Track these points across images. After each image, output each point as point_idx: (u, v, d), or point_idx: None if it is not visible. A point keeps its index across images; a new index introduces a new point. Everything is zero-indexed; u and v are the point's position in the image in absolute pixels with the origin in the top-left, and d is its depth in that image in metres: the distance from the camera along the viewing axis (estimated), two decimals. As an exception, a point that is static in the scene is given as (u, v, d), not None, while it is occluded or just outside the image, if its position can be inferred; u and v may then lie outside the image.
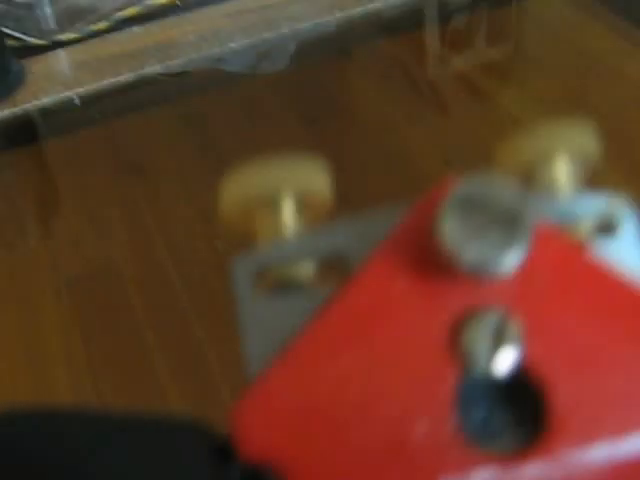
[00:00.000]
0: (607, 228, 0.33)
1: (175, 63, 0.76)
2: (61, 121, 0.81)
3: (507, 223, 0.29)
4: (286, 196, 0.32)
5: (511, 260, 0.29)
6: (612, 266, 0.30)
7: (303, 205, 0.33)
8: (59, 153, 0.81)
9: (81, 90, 0.75)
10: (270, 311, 0.31)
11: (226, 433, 0.29)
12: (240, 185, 0.32)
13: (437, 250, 0.29)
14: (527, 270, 0.30)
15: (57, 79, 0.71)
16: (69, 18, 0.77)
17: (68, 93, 0.75)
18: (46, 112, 0.75)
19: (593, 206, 0.33)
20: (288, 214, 0.32)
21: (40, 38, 0.75)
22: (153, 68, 0.75)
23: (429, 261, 0.30)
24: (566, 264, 0.31)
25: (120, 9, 0.77)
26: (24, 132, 0.77)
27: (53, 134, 0.83)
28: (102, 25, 0.74)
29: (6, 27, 0.75)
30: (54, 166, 0.83)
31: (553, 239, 0.31)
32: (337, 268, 0.31)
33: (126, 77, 0.74)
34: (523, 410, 0.30)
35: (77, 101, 0.76)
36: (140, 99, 0.84)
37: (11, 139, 0.76)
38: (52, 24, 0.76)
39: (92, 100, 0.81)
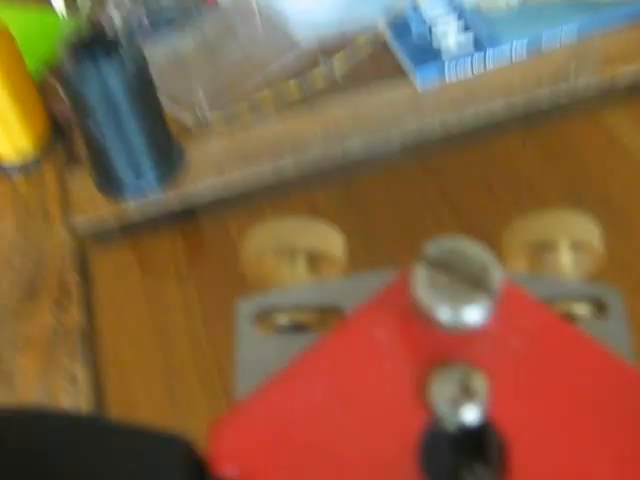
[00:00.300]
0: (598, 311, 0.34)
1: (305, 158, 0.80)
2: (213, 202, 0.86)
3: (474, 281, 0.31)
4: (298, 251, 0.35)
5: (476, 314, 0.31)
6: (591, 339, 0.32)
7: (316, 262, 0.36)
8: (212, 230, 0.86)
9: (231, 180, 0.80)
10: (265, 349, 0.34)
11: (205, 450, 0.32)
12: (259, 238, 0.36)
13: (414, 306, 0.32)
14: (500, 328, 0.32)
15: (210, 166, 0.77)
16: (214, 96, 0.83)
17: (220, 183, 0.80)
18: (200, 195, 0.81)
19: (586, 290, 0.34)
20: (298, 267, 0.36)
21: (192, 117, 0.80)
22: (286, 162, 0.79)
23: (408, 316, 0.32)
24: (540, 327, 0.32)
25: (257, 91, 0.81)
26: (182, 212, 0.84)
27: (206, 213, 0.88)
28: (243, 107, 0.79)
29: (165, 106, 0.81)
30: (208, 241, 0.88)
31: (529, 304, 0.33)
32: (333, 316, 0.34)
33: (267, 170, 0.80)
34: (487, 458, 0.31)
35: (225, 189, 0.82)
36: (285, 184, 0.88)
37: (171, 218, 0.83)
38: (204, 104, 0.82)
39: (238, 184, 0.86)
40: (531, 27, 0.79)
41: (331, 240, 0.36)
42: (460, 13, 0.81)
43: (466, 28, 0.80)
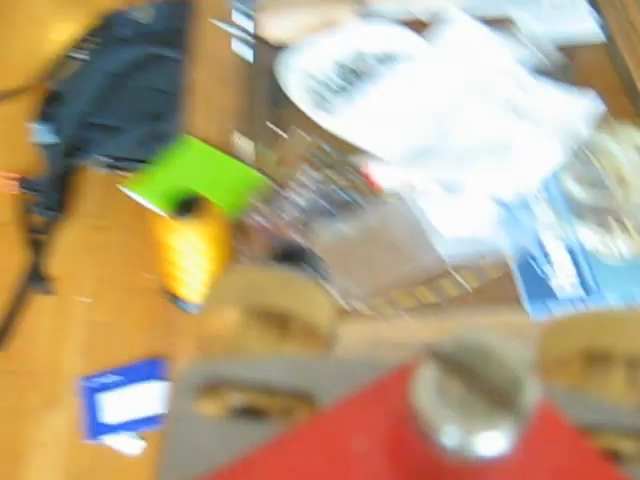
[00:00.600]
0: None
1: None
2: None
3: (498, 397, 0.22)
4: (271, 312, 0.27)
5: (493, 445, 0.22)
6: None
7: (294, 330, 0.28)
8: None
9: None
10: (204, 434, 0.25)
11: None
12: (227, 287, 0.27)
13: (410, 415, 0.23)
14: (520, 460, 0.23)
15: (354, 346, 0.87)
16: (360, 285, 0.92)
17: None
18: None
19: (638, 421, 0.26)
20: (269, 334, 0.27)
21: (340, 299, 0.87)
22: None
23: (401, 426, 0.24)
24: (572, 466, 0.24)
25: (394, 286, 0.89)
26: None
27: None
28: (381, 301, 0.87)
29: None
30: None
31: (564, 432, 0.24)
32: (302, 406, 0.26)
33: (389, 365, 0.84)
34: None
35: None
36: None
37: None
38: (352, 291, 0.89)
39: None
40: (632, 283, 0.88)
41: (317, 305, 0.27)
42: (577, 256, 0.91)
43: (579, 271, 0.90)
